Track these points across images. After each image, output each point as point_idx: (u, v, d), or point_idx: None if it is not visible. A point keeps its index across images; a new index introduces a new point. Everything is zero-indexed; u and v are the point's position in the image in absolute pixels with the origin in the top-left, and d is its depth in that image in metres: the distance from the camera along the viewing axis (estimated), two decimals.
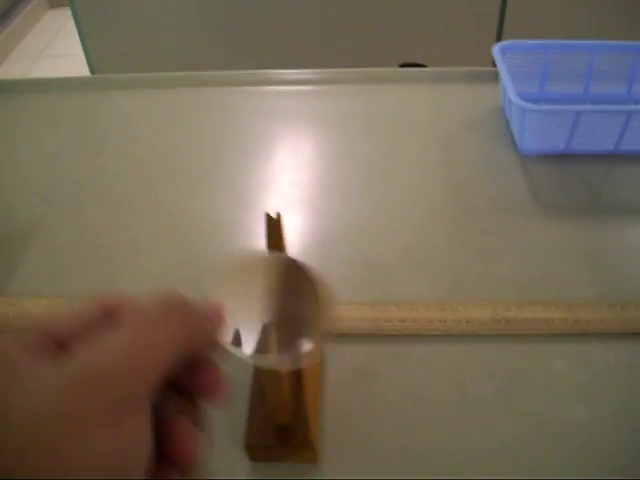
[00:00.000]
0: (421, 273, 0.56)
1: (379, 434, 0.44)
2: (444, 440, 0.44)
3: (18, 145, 0.75)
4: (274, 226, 0.38)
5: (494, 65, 0.71)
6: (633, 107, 0.65)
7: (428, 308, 0.52)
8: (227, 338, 0.29)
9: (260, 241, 0.42)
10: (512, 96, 0.63)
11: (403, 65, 1.36)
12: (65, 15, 2.60)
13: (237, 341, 0.30)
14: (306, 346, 0.31)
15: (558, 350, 0.50)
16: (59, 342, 0.25)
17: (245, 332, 0.31)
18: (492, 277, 0.56)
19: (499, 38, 1.40)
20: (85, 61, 1.41)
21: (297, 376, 0.43)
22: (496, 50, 0.71)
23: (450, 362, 0.49)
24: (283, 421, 0.41)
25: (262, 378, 0.39)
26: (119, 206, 0.65)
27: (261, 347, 0.31)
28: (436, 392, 0.47)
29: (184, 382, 0.27)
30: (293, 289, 0.34)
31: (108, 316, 0.27)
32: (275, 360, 0.32)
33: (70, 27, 1.63)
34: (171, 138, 0.74)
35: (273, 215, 0.37)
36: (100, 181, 0.68)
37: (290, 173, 0.68)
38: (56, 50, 2.73)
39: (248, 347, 0.31)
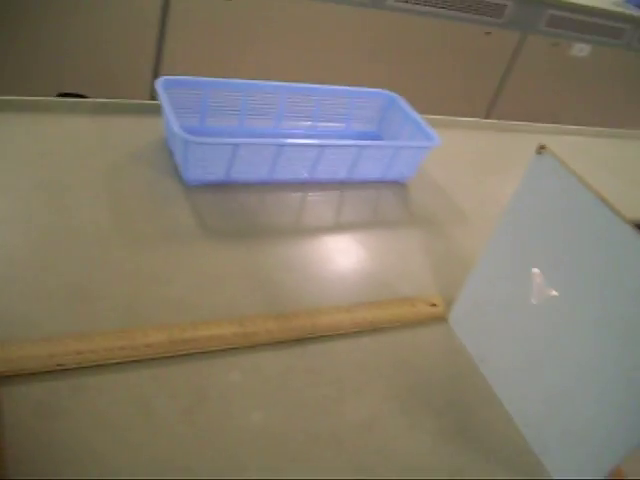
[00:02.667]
0: (96, 303, 0.55)
1: (67, 472, 0.43)
2: (134, 464, 0.44)
3: None
4: None
5: (153, 98, 0.73)
6: (282, 141, 0.73)
7: (105, 337, 0.51)
8: None
9: None
10: (175, 128, 0.66)
11: (61, 95, 1.32)
12: None
13: None
14: None
15: (233, 363, 0.54)
16: None
17: None
18: (166, 301, 0.57)
19: (156, 73, 1.44)
20: None
21: None
22: (159, 84, 0.74)
23: (133, 388, 0.49)
24: None
25: None
26: None
27: None
28: (122, 419, 0.47)
29: None
30: None
31: None
32: None
33: None
34: None
35: None
36: None
37: None
38: None
39: None
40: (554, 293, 0.54)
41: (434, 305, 0.65)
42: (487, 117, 2.32)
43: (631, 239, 0.47)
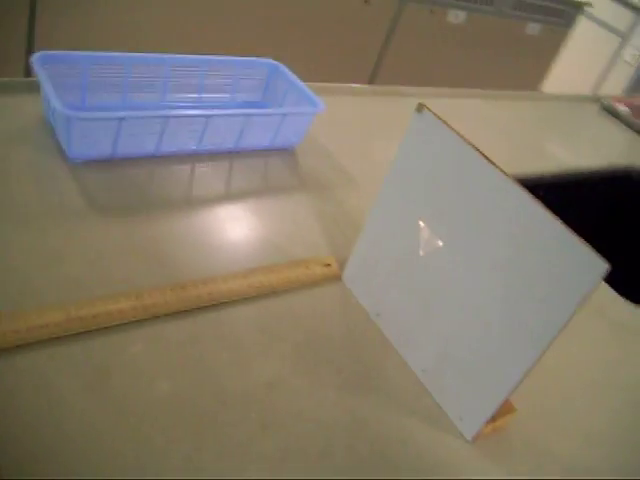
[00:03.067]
0: None
1: None
2: (39, 447, 0.44)
3: None
4: None
5: (28, 75, 0.70)
6: (168, 112, 0.73)
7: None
8: None
9: None
10: (56, 105, 0.64)
11: None
12: None
13: None
14: None
15: (134, 336, 0.54)
16: None
17: None
18: (61, 281, 0.56)
19: (30, 49, 1.38)
20: None
21: None
22: (36, 60, 0.71)
23: (31, 371, 0.48)
24: None
25: None
26: None
27: None
28: (23, 404, 0.46)
29: None
30: None
31: None
32: None
33: None
34: None
35: None
36: None
37: None
38: None
39: None
40: (440, 244, 0.58)
41: (328, 265, 0.67)
42: (371, 84, 2.38)
43: (504, 185, 0.51)
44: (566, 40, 2.95)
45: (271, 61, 0.89)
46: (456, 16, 2.41)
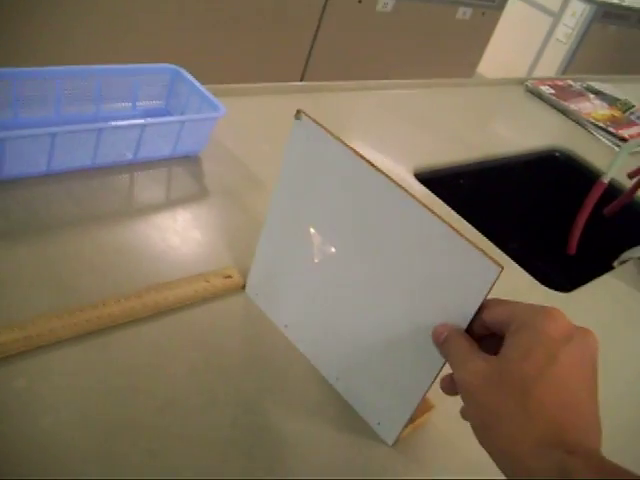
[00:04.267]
0: None
1: None
2: None
3: None
4: None
5: None
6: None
7: None
8: None
9: None
10: None
11: None
12: None
13: None
14: None
15: (17, 370, 0.51)
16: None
17: None
18: None
19: None
20: None
21: None
22: None
23: None
24: None
25: None
26: None
27: None
28: None
29: None
30: None
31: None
32: None
33: None
34: None
35: None
36: None
37: None
38: None
39: None
40: (332, 250, 0.56)
41: (229, 277, 0.65)
42: (302, 80, 2.36)
43: (390, 190, 0.50)
44: (498, 22, 2.97)
45: (171, 66, 0.86)
46: (385, 4, 2.41)
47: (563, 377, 0.39)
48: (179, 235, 0.70)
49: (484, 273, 0.44)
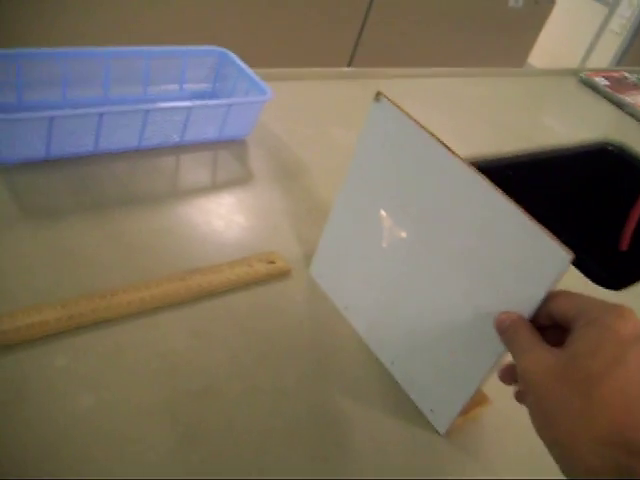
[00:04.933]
0: None
1: None
2: None
3: None
4: None
5: None
6: (102, 109, 0.69)
7: None
8: None
9: None
10: None
11: None
12: None
13: None
14: None
15: (57, 349, 0.51)
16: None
17: None
18: None
19: None
20: None
21: None
22: None
23: None
24: None
25: None
26: None
27: None
28: None
29: None
30: None
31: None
32: None
33: None
34: None
35: None
36: None
37: None
38: None
39: None
40: (403, 234, 0.55)
41: (272, 262, 0.64)
42: (350, 66, 2.33)
43: (465, 175, 0.48)
44: (551, 12, 2.89)
45: (218, 48, 0.85)
46: None
47: (629, 378, 0.37)
48: (223, 219, 0.69)
49: (554, 261, 0.43)
